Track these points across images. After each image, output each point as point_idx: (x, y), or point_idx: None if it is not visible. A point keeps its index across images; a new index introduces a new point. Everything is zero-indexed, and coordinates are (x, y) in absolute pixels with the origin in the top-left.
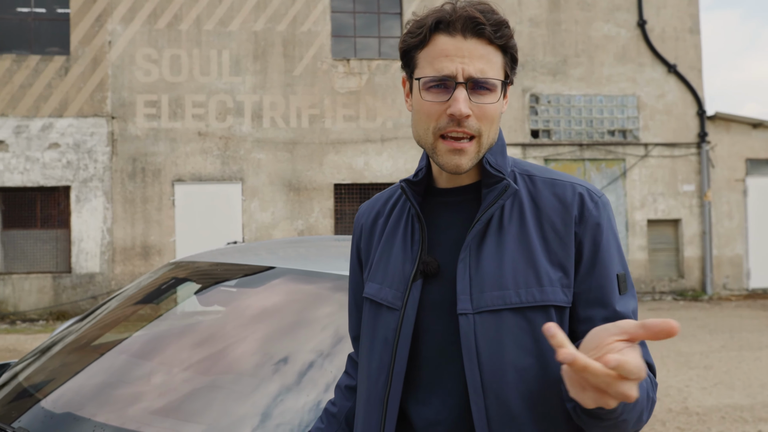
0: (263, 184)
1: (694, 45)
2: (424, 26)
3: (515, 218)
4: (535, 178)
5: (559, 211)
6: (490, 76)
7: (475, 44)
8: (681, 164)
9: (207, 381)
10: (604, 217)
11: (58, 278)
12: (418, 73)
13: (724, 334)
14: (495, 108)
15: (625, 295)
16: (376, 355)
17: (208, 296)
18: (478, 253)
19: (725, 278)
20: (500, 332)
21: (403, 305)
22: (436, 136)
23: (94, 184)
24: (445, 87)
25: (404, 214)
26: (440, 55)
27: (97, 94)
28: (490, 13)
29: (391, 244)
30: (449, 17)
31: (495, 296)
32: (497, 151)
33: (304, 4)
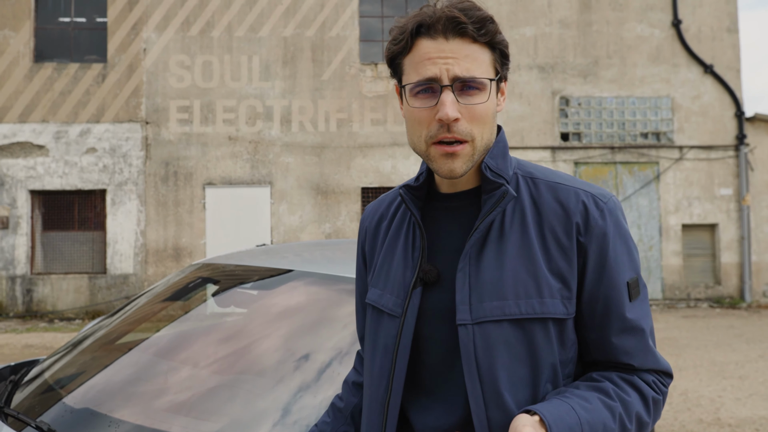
0: (291, 188)
1: (732, 44)
2: (406, 32)
3: (516, 224)
4: (539, 182)
5: (561, 218)
6: (478, 75)
7: (459, 44)
8: (718, 167)
9: (221, 381)
10: (610, 224)
11: (94, 279)
12: (404, 80)
13: (762, 343)
14: (486, 108)
15: (636, 301)
16: (378, 361)
17: (224, 298)
18: (477, 262)
19: (765, 285)
20: (499, 343)
21: (403, 313)
22: (428, 144)
23: (128, 188)
24: (431, 91)
25: (406, 219)
26: (423, 59)
27: (132, 100)
28: (472, 11)
29: (393, 250)
30: (429, 20)
31: (494, 306)
32: (498, 154)
33: (333, 9)
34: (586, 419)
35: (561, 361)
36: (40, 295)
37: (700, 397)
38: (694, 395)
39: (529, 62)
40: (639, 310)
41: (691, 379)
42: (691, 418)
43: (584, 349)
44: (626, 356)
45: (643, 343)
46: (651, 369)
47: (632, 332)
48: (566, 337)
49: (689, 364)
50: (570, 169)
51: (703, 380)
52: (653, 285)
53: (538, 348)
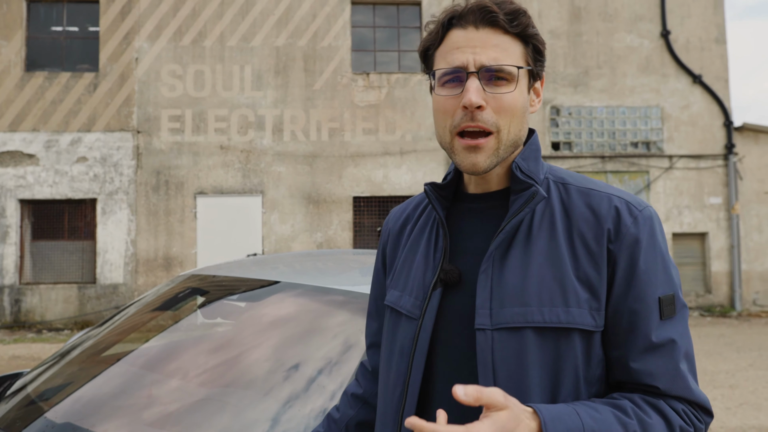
0: (283, 197)
1: (720, 55)
2: (438, 24)
3: (545, 229)
4: (570, 187)
5: (591, 224)
6: (505, 63)
7: (488, 33)
8: (707, 176)
9: (207, 393)
10: (644, 232)
11: (83, 288)
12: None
13: (752, 352)
14: (513, 98)
15: (669, 320)
16: (394, 365)
17: (212, 309)
18: (501, 265)
19: (755, 294)
20: (520, 351)
21: (421, 314)
22: (453, 134)
23: (119, 197)
24: (458, 80)
25: (430, 220)
26: (452, 48)
27: (124, 109)
28: (505, 3)
29: (414, 251)
30: (461, 11)
31: (516, 313)
32: (530, 156)
33: (325, 19)
34: (591, 427)
35: (586, 378)
36: (29, 305)
37: None
38: None
39: None
40: (671, 329)
41: None
42: None
43: (609, 368)
44: (650, 378)
45: (671, 365)
46: (681, 397)
47: (658, 353)
48: (593, 353)
49: None
50: None
51: None
52: None
53: (561, 360)
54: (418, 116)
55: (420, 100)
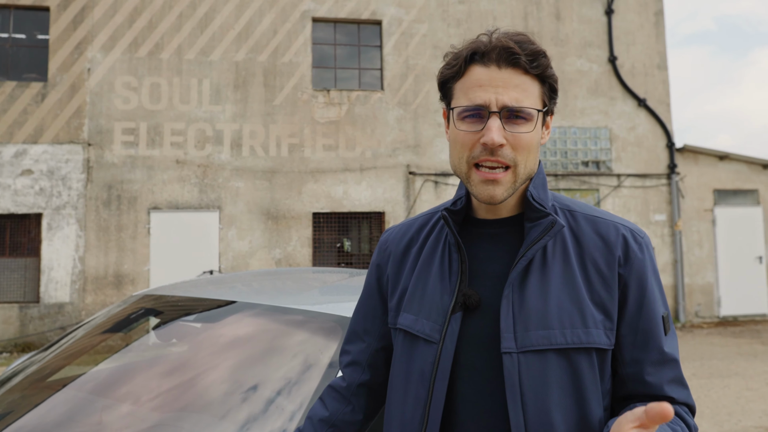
0: (241, 213)
1: (662, 80)
2: (460, 57)
3: (558, 255)
4: (577, 215)
5: (602, 250)
6: (526, 105)
7: (510, 74)
8: (652, 194)
9: (161, 419)
10: (647, 258)
11: (25, 308)
12: (453, 103)
13: (695, 362)
14: (531, 138)
15: (669, 335)
16: (412, 390)
17: (166, 330)
18: (521, 290)
19: (697, 306)
20: (544, 373)
21: (441, 338)
22: (470, 165)
23: (67, 212)
24: (479, 117)
25: (440, 243)
26: (474, 85)
27: (74, 121)
28: (527, 44)
29: (426, 274)
30: (484, 48)
31: (540, 336)
32: (539, 185)
33: (286, 35)
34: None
35: (601, 392)
36: None
37: None
38: None
39: None
40: (672, 344)
41: None
42: None
43: (618, 383)
44: (666, 389)
45: (679, 376)
46: (685, 403)
47: (670, 365)
48: (605, 369)
49: None
50: None
51: None
52: None
53: (584, 378)
54: (378, 133)
55: (380, 117)
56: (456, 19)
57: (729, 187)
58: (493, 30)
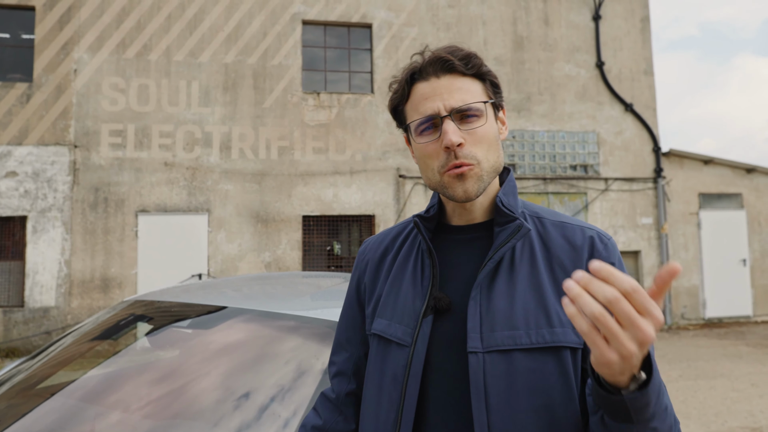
0: (230, 216)
1: (649, 86)
2: (402, 81)
3: (526, 259)
4: (545, 221)
5: (569, 253)
6: (472, 102)
7: (450, 80)
8: (639, 198)
9: (153, 426)
10: (614, 258)
11: (9, 313)
12: (408, 122)
13: (681, 363)
14: (486, 130)
15: None
16: (385, 393)
17: (157, 337)
18: (489, 292)
19: (683, 308)
20: (510, 372)
21: (413, 341)
22: (441, 174)
23: (52, 214)
24: (434, 126)
25: (414, 250)
26: (421, 99)
27: (60, 123)
28: (457, 50)
29: (400, 280)
30: (421, 65)
31: (505, 336)
32: (509, 192)
33: (276, 38)
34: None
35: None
36: None
37: None
38: None
39: None
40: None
41: None
42: None
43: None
44: None
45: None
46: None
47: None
48: (578, 368)
49: None
50: None
51: None
52: None
53: (551, 378)
54: (368, 136)
55: (370, 120)
56: (446, 23)
57: (714, 191)
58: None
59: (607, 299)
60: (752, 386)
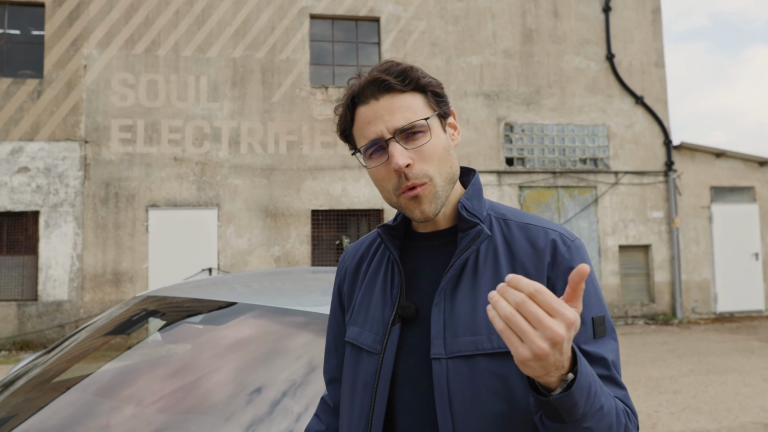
0: (240, 210)
1: (660, 78)
2: (344, 106)
3: (489, 263)
4: (510, 223)
5: (531, 256)
6: (415, 120)
7: (389, 99)
8: (650, 192)
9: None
10: (577, 260)
11: (24, 306)
12: (358, 146)
13: (692, 358)
14: (433, 146)
15: (602, 339)
16: (357, 399)
17: (169, 332)
18: (452, 298)
19: (694, 302)
20: (473, 377)
21: (382, 349)
22: (397, 195)
23: (64, 209)
24: (381, 149)
25: (384, 259)
26: (364, 123)
27: (71, 118)
28: (393, 67)
29: (372, 289)
30: (358, 89)
31: (468, 341)
32: (473, 196)
33: (284, 32)
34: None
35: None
36: None
37: (638, 412)
38: None
39: (476, 89)
40: (604, 347)
41: (630, 395)
42: None
43: None
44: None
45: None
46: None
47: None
48: None
49: (628, 380)
50: (515, 193)
51: (640, 396)
52: None
53: (514, 382)
54: None
55: None
56: (454, 16)
57: (725, 184)
58: (360, 72)
59: (515, 302)
60: (764, 381)
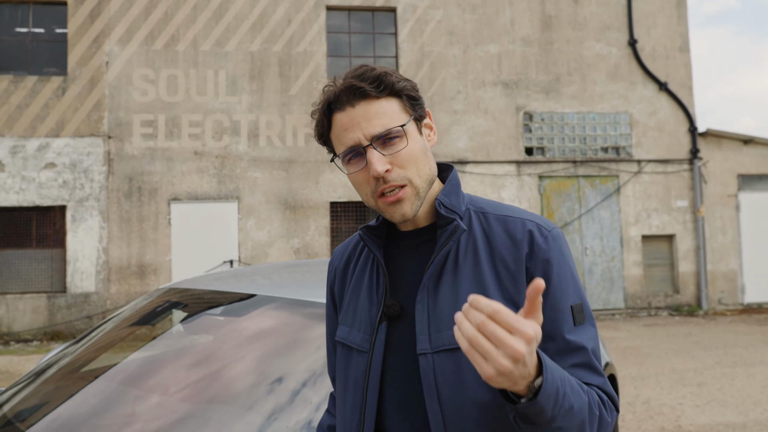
0: (259, 203)
1: (684, 63)
2: (321, 112)
3: (470, 256)
4: (489, 216)
5: (509, 247)
6: (391, 126)
7: (365, 106)
8: (674, 180)
9: (188, 410)
10: (554, 250)
11: (53, 298)
12: (337, 152)
13: (718, 350)
14: (410, 150)
15: (581, 326)
16: (350, 397)
17: (190, 324)
18: (435, 293)
19: (720, 293)
20: (459, 370)
21: (370, 348)
22: (375, 198)
23: (90, 204)
24: (359, 155)
25: (369, 259)
26: (341, 130)
27: (94, 114)
28: (367, 72)
29: (359, 289)
30: (334, 96)
31: (451, 335)
32: (451, 192)
33: (300, 24)
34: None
35: None
36: None
37: (661, 405)
38: (656, 403)
39: (494, 78)
40: (583, 334)
41: (653, 388)
42: (654, 426)
43: None
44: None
45: (589, 362)
46: (599, 387)
47: (576, 353)
48: None
49: (651, 372)
50: (534, 183)
51: (664, 388)
52: (616, 294)
53: None
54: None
55: None
56: (471, 4)
57: (754, 171)
58: (335, 77)
59: (477, 323)
60: None
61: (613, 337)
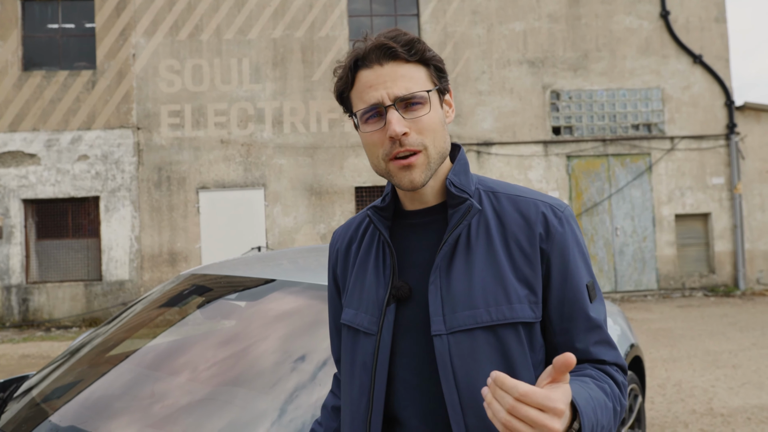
0: (285, 189)
1: (720, 34)
2: (346, 68)
3: (482, 237)
4: (500, 195)
5: (523, 228)
6: (416, 90)
7: (393, 67)
8: (709, 157)
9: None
10: (568, 231)
11: (90, 286)
12: (354, 110)
13: (755, 331)
14: (431, 118)
15: (595, 302)
16: (357, 379)
17: (210, 309)
18: (447, 274)
19: (759, 273)
20: (474, 350)
21: (378, 330)
22: (386, 161)
23: (121, 194)
24: (379, 115)
25: (375, 239)
26: (365, 87)
27: (123, 106)
28: (400, 36)
29: (364, 270)
30: (363, 53)
31: (466, 316)
32: (460, 171)
33: (322, 9)
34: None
35: (533, 363)
36: (36, 304)
37: (693, 387)
38: (687, 386)
39: (519, 57)
40: (598, 310)
41: (685, 370)
42: (684, 408)
43: (552, 351)
44: (595, 353)
45: (606, 338)
46: (615, 363)
47: (595, 332)
48: (535, 341)
49: (683, 354)
50: (562, 163)
51: (696, 370)
52: (648, 275)
53: (512, 352)
54: None
55: None
56: None
57: None
58: (366, 34)
59: (508, 407)
60: None
61: (645, 319)
